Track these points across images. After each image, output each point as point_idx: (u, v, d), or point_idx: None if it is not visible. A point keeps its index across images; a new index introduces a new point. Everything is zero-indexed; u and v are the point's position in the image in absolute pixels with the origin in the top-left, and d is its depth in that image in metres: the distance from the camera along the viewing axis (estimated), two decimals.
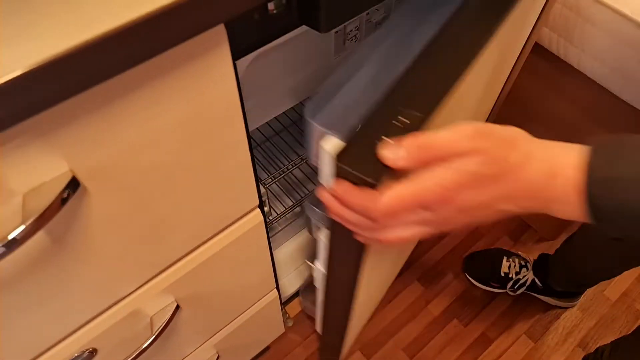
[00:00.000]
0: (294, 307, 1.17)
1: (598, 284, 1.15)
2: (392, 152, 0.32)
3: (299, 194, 1.05)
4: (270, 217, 1.00)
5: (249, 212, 0.57)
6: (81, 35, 0.26)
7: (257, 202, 0.57)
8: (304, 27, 0.44)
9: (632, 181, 0.29)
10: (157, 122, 0.36)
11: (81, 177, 0.34)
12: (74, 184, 0.32)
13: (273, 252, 0.69)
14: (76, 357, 0.49)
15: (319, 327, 0.85)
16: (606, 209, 0.30)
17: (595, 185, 0.30)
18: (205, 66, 0.36)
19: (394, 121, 0.35)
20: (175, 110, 0.37)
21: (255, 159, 0.50)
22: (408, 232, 0.34)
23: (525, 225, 1.34)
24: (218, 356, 0.80)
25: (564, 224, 1.26)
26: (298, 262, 1.07)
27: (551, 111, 1.08)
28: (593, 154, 0.31)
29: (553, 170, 0.31)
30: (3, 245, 0.28)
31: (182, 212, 0.47)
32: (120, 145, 0.35)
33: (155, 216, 0.44)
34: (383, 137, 0.33)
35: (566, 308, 1.20)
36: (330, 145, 0.38)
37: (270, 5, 0.41)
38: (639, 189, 0.29)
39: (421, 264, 1.26)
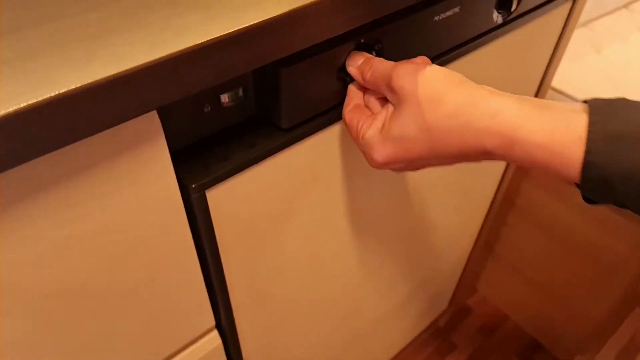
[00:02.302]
0: None
1: None
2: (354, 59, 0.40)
3: None
4: None
5: (203, 335, 0.49)
6: None
7: (213, 323, 0.49)
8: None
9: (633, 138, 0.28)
10: (75, 229, 0.31)
11: None
12: None
13: None
14: None
15: None
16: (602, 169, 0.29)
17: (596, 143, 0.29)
18: (134, 164, 0.31)
19: None
20: (93, 218, 0.31)
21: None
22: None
23: (536, 345, 1.22)
24: None
25: (580, 343, 1.14)
26: None
27: (554, 217, 1.03)
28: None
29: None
30: None
31: (112, 337, 0.39)
32: (24, 259, 0.29)
33: (78, 342, 0.36)
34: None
35: None
36: None
37: (224, 97, 0.38)
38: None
39: None
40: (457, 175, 0.73)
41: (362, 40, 0.40)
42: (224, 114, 0.39)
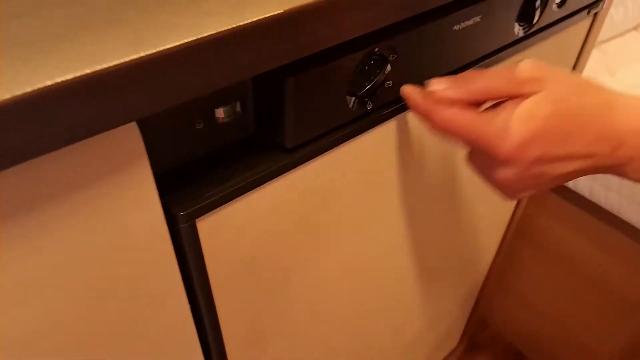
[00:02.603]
0: None
1: None
2: (438, 83, 0.36)
3: None
4: None
5: None
6: None
7: None
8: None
9: None
10: (40, 264, 0.25)
11: None
12: None
13: None
14: None
15: None
16: None
17: None
18: (110, 188, 0.26)
19: None
20: (62, 250, 0.26)
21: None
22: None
23: None
24: None
25: None
26: None
27: (566, 247, 0.98)
28: None
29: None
30: None
31: None
32: None
33: None
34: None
35: None
36: None
37: (219, 112, 0.33)
38: None
39: None
40: (469, 208, 0.68)
41: (377, 50, 0.36)
42: (219, 132, 0.34)
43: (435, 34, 0.39)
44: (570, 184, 0.93)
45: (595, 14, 0.60)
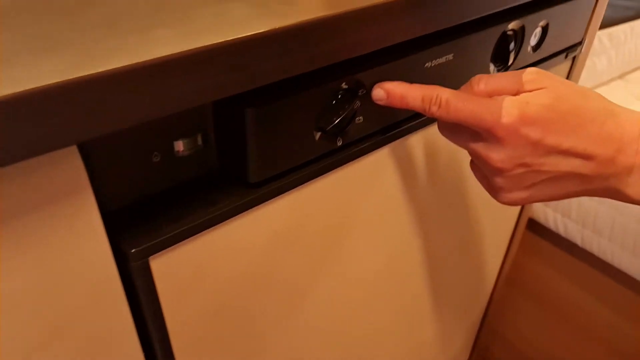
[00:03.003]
0: None
1: None
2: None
3: None
4: None
5: None
6: None
7: None
8: None
9: None
10: None
11: None
12: None
13: None
14: None
15: None
16: None
17: None
18: (48, 221, 0.25)
19: None
20: None
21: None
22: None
23: None
24: None
25: None
26: None
27: (560, 296, 0.95)
28: None
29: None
30: None
31: None
32: None
33: None
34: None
35: None
36: None
37: (178, 145, 0.32)
38: None
39: None
40: (454, 258, 0.66)
41: (344, 84, 0.35)
42: (179, 166, 0.33)
43: (406, 70, 0.39)
44: (562, 229, 0.91)
45: (574, 57, 0.61)
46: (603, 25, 1.03)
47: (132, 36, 0.25)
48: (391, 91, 0.36)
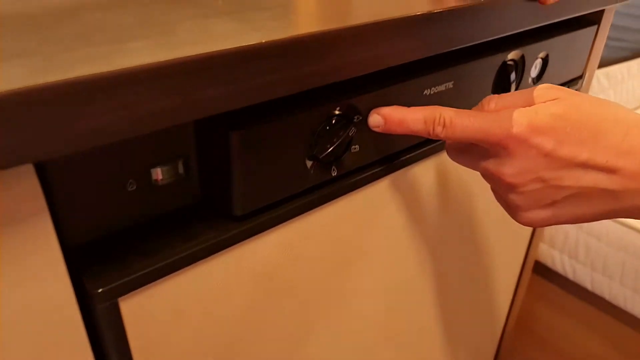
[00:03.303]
0: None
1: None
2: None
3: None
4: None
5: None
6: None
7: None
8: None
9: None
10: None
11: None
12: None
13: None
14: None
15: None
16: None
17: None
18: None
19: None
20: None
21: None
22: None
23: None
24: None
25: None
26: None
27: (571, 343, 0.89)
28: None
29: None
30: None
31: None
32: None
33: None
34: None
35: None
36: None
37: (157, 173, 0.29)
38: None
39: None
40: (459, 301, 0.62)
41: (338, 109, 0.33)
42: (157, 196, 0.30)
43: (404, 96, 0.37)
44: (570, 273, 0.87)
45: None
46: (600, 65, 1.03)
47: (105, 46, 0.22)
48: (389, 116, 0.34)
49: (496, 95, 0.34)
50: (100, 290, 0.26)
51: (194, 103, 0.23)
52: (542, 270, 0.90)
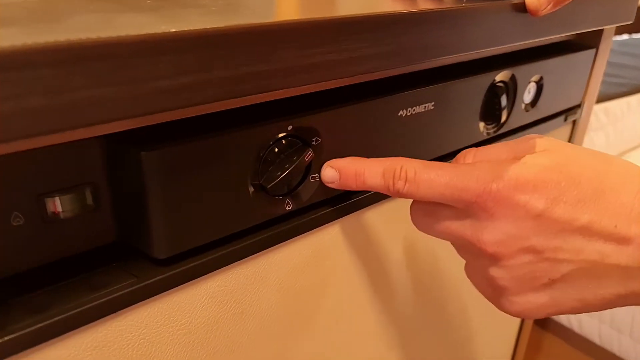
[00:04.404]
0: None
1: None
2: None
3: None
4: None
5: None
6: None
7: None
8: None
9: None
10: None
11: None
12: None
13: None
14: None
15: None
16: None
17: None
18: None
19: None
20: None
21: None
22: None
23: None
24: None
25: None
26: None
27: None
28: None
29: None
30: None
31: None
32: None
33: None
34: None
35: None
36: None
37: (55, 205, 0.24)
38: None
39: None
40: None
41: (290, 128, 0.28)
42: (57, 233, 0.25)
43: (374, 117, 0.32)
44: (576, 326, 0.81)
45: (574, 121, 0.56)
46: (598, 100, 1.00)
47: None
48: (343, 169, 0.29)
49: (474, 148, 0.29)
50: None
51: (67, 107, 0.18)
52: (544, 323, 0.83)
